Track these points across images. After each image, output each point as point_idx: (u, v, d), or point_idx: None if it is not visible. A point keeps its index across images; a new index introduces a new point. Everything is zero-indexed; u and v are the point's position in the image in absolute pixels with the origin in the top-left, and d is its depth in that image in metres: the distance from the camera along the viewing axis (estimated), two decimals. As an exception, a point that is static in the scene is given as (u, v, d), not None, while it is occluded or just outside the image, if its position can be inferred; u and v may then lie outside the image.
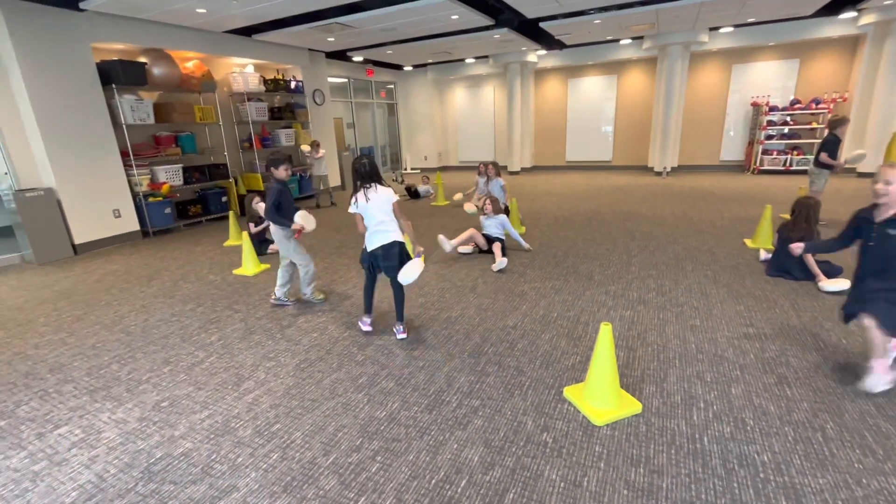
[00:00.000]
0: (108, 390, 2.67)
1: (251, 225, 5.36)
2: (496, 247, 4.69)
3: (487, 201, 5.04)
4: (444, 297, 3.82)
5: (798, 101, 9.49)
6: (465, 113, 13.38)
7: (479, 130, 13.34)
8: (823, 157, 5.15)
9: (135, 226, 6.51)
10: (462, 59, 11.72)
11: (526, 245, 5.05)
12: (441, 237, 4.92)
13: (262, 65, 8.49)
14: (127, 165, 6.33)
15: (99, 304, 4.07)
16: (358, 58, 10.26)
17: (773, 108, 9.59)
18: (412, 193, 8.84)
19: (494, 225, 4.96)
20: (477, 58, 11.51)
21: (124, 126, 6.15)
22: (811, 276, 3.72)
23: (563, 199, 8.14)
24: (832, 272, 3.73)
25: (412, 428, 2.20)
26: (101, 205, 6.08)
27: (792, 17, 8.29)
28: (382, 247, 3.01)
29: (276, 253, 5.24)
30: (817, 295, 3.50)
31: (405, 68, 12.62)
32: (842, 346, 2.76)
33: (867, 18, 8.12)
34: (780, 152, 9.79)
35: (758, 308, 3.32)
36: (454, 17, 6.75)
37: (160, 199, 6.67)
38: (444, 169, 13.67)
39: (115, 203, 6.24)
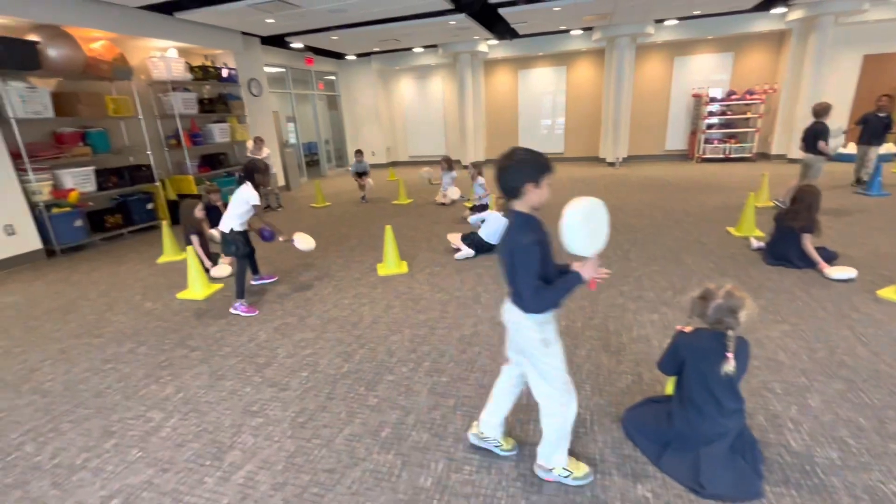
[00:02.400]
0: (24, 487, 1.90)
1: (194, 238, 4.48)
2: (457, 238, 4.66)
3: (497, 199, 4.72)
4: (448, 312, 3.33)
5: (734, 93, 10.02)
6: (414, 105, 12.79)
7: (428, 123, 12.82)
8: (822, 145, 5.26)
9: (36, 244, 5.29)
10: (409, 48, 11.11)
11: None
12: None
13: (186, 49, 7.36)
14: (20, 169, 5.10)
15: (-5, 353, 3.11)
16: (297, 44, 9.32)
17: (713, 99, 10.05)
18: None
19: (502, 228, 4.58)
20: (425, 47, 10.97)
21: (13, 120, 4.93)
22: (812, 264, 3.70)
23: (530, 192, 7.90)
24: (829, 257, 3.74)
25: (473, 498, 1.71)
26: (-13, 220, 4.84)
27: (732, 10, 8.65)
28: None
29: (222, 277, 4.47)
30: (826, 283, 3.46)
31: (348, 57, 11.76)
32: (882, 336, 2.66)
33: (794, 15, 8.68)
34: (720, 141, 10.32)
35: (779, 301, 3.20)
36: (413, -2, 6.19)
37: (68, 209, 5.48)
38: (393, 164, 13.01)
39: (7, 217, 5.01)
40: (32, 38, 5.11)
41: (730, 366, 1.61)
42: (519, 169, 1.50)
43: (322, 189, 8.01)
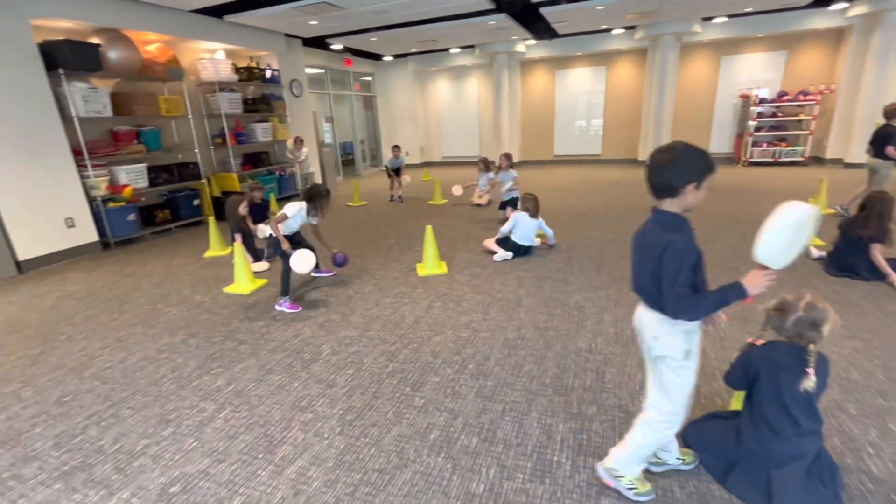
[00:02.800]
0: (89, 470, 1.98)
1: (238, 235, 4.61)
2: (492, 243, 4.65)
3: (526, 198, 4.65)
4: (490, 314, 3.29)
5: (786, 93, 9.53)
6: (449, 106, 12.81)
7: (463, 124, 12.81)
8: (890, 150, 4.89)
9: (93, 236, 5.57)
10: (446, 49, 11.13)
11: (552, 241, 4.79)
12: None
13: (233, 51, 7.60)
14: (80, 166, 5.38)
15: (59, 340, 3.27)
16: (337, 46, 9.48)
17: (762, 100, 9.59)
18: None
19: (532, 229, 4.52)
20: (462, 47, 10.96)
21: (76, 119, 5.21)
22: (882, 276, 3.45)
23: (566, 194, 7.76)
24: (901, 270, 3.48)
25: (528, 508, 1.66)
26: (51, 213, 5.13)
27: (787, 6, 8.23)
28: None
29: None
30: (900, 297, 3.22)
31: (385, 58, 11.89)
32: (968, 360, 2.44)
33: (856, 10, 8.18)
34: (769, 144, 9.84)
35: (847, 315, 2.99)
36: (455, -2, 6.18)
37: (122, 204, 5.75)
38: (426, 165, 13.06)
39: (68, 210, 5.29)
40: (95, 40, 5.40)
41: (810, 382, 1.51)
42: (683, 166, 1.38)
43: (358, 188, 8.10)
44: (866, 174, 5.30)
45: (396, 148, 8.08)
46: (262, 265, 4.60)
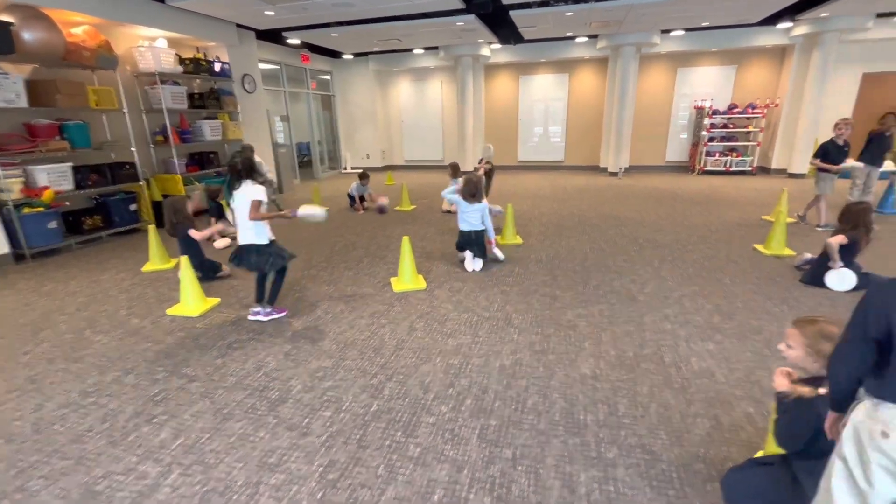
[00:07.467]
0: (-20, 576, 1.47)
1: (193, 232, 3.92)
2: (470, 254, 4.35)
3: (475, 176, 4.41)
4: (480, 336, 2.99)
5: (735, 106, 10.00)
6: (411, 109, 12.45)
7: (426, 127, 12.49)
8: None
9: (3, 247, 4.74)
10: (409, 50, 10.79)
11: (500, 255, 4.49)
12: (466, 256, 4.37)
13: (177, 39, 6.86)
14: (-13, 164, 4.57)
15: (-50, 382, 2.62)
16: (294, 40, 8.89)
17: (715, 112, 10.00)
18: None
19: (473, 214, 4.29)
20: (426, 48, 10.66)
21: (-20, 109, 4.41)
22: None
23: (537, 201, 7.65)
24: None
25: (566, 593, 1.37)
26: (-53, 220, 4.29)
27: (739, 23, 8.60)
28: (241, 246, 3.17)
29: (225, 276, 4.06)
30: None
31: (345, 56, 11.36)
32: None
33: (799, 30, 8.67)
34: (721, 154, 10.28)
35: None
36: (426, -6, 5.87)
37: (41, 209, 4.94)
38: (388, 168, 12.63)
39: (-30, 217, 4.46)
40: (6, 18, 4.60)
41: None
42: None
43: (319, 193, 7.57)
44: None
45: (364, 177, 7.39)
46: (224, 241, 4.01)
